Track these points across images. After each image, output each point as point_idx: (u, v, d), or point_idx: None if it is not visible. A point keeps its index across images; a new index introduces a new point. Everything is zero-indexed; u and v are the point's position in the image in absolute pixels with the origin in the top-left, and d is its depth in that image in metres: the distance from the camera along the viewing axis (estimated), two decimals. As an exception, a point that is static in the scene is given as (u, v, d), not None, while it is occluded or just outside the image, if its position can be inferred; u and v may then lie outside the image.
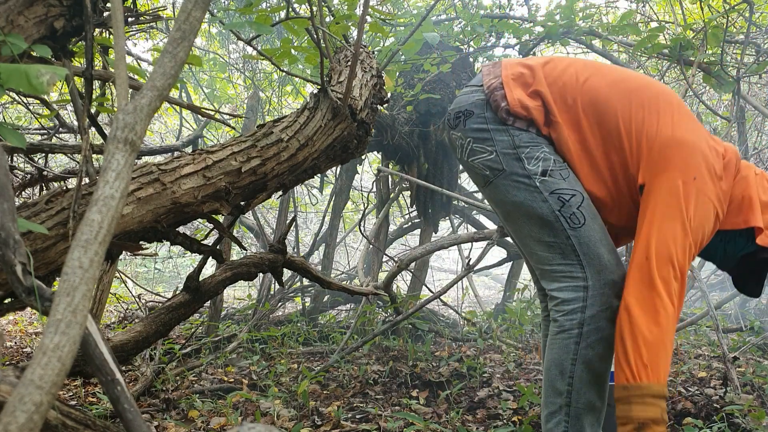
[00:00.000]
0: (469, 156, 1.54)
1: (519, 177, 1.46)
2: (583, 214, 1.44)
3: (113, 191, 0.69)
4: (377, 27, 2.36)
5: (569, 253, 1.43)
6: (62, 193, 1.34)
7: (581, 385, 1.42)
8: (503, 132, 1.48)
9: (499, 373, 2.74)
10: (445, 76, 3.83)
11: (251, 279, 2.22)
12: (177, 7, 3.78)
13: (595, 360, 1.42)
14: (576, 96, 1.47)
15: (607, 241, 1.45)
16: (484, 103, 1.52)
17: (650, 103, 1.44)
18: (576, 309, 1.42)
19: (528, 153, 1.46)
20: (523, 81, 1.52)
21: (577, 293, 1.42)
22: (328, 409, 2.26)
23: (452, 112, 1.60)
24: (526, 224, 1.48)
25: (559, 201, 1.43)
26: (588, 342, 1.41)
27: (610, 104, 1.44)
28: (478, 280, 7.50)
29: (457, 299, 4.93)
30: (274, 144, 1.66)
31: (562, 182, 1.45)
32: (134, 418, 0.76)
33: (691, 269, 3.01)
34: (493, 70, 1.58)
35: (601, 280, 1.42)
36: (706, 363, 2.90)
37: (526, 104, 1.48)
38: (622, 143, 1.44)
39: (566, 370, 1.43)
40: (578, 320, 1.41)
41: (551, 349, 1.48)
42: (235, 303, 5.09)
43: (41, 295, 0.82)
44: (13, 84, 0.89)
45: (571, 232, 1.43)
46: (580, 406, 1.43)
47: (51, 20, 1.32)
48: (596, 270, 1.42)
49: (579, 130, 1.47)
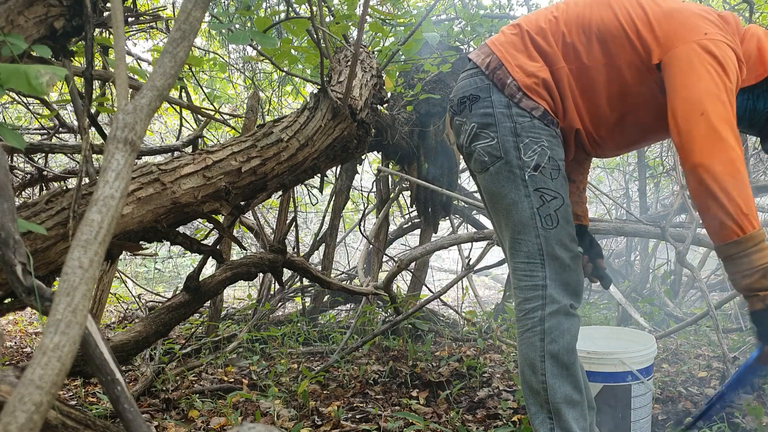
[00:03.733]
0: (472, 141, 1.55)
1: (512, 167, 1.49)
2: (558, 217, 1.49)
3: (113, 191, 0.69)
4: (377, 27, 2.36)
5: (534, 252, 1.49)
6: (62, 193, 1.34)
7: (554, 379, 1.48)
8: (507, 118, 1.50)
9: (499, 373, 2.74)
10: (445, 76, 3.83)
11: (251, 279, 2.22)
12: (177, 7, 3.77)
13: (563, 353, 1.48)
14: (563, 30, 1.52)
15: (571, 246, 1.51)
16: (490, 87, 1.53)
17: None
18: (536, 307, 1.49)
19: (527, 143, 1.49)
20: (514, 45, 1.55)
21: (536, 292, 1.49)
22: (328, 409, 2.26)
23: (455, 98, 1.61)
24: (505, 217, 1.53)
25: (540, 199, 1.48)
26: (552, 337, 1.48)
27: (594, 18, 1.50)
28: (478, 280, 7.50)
29: (457, 299, 4.93)
30: (274, 144, 1.66)
31: (549, 181, 1.49)
32: (134, 418, 0.76)
33: (691, 269, 3.01)
34: (483, 50, 1.61)
35: (557, 281, 1.48)
36: (706, 363, 2.90)
37: (529, 70, 1.51)
38: (623, 42, 1.47)
39: (537, 368, 1.49)
40: (539, 317, 1.48)
41: (520, 349, 1.54)
42: (235, 303, 5.09)
43: (41, 295, 0.82)
44: (13, 84, 0.89)
45: (542, 231, 1.48)
46: (558, 400, 1.48)
47: (51, 20, 1.32)
48: (555, 271, 1.48)
49: (578, 58, 1.51)
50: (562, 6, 1.58)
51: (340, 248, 5.38)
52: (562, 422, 1.47)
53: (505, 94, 1.51)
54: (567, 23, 1.53)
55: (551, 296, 1.47)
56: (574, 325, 1.50)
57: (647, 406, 1.84)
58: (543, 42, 1.53)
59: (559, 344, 1.47)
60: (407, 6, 4.42)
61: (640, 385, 1.79)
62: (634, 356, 1.78)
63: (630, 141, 1.66)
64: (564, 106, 1.53)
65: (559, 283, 1.48)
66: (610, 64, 1.49)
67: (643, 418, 1.83)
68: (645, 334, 2.00)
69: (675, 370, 2.77)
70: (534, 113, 1.49)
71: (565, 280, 1.49)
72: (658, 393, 2.39)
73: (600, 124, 1.57)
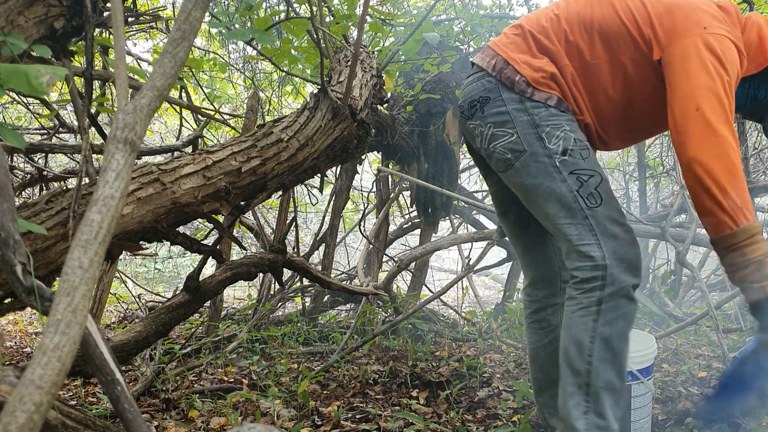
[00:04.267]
0: (490, 142, 1.54)
1: (540, 157, 1.47)
2: (600, 194, 1.46)
3: (113, 191, 0.69)
4: (377, 27, 2.36)
5: (586, 233, 1.45)
6: (62, 193, 1.34)
7: (600, 363, 1.43)
8: (522, 112, 1.49)
9: (499, 373, 2.74)
10: (445, 76, 3.83)
11: (251, 279, 2.22)
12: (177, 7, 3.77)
13: (615, 337, 1.43)
14: (565, 28, 1.52)
15: (622, 220, 1.48)
16: (498, 86, 1.52)
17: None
18: (595, 287, 1.43)
19: (549, 131, 1.47)
20: (518, 45, 1.55)
21: (596, 272, 1.43)
22: (328, 409, 2.26)
23: (465, 103, 1.60)
24: (545, 205, 1.50)
25: (577, 181, 1.46)
26: (607, 319, 1.43)
27: (596, 15, 1.50)
28: (478, 280, 7.50)
29: (457, 299, 4.93)
30: (274, 144, 1.66)
31: (581, 162, 1.47)
32: (134, 418, 0.76)
33: (691, 269, 3.01)
34: (486, 53, 1.60)
35: (617, 259, 1.44)
36: (706, 363, 2.90)
37: (536, 65, 1.50)
38: (625, 39, 1.47)
39: (585, 349, 1.44)
40: (597, 297, 1.43)
41: (568, 328, 1.48)
42: (235, 303, 5.09)
43: (41, 295, 0.82)
44: (13, 84, 0.89)
45: (588, 212, 1.45)
46: (600, 385, 1.43)
47: (51, 20, 1.32)
48: (612, 249, 1.44)
49: (581, 56, 1.50)
50: (563, 4, 1.58)
51: (340, 248, 5.38)
52: (599, 407, 1.43)
53: (516, 91, 1.50)
54: (568, 21, 1.53)
55: (612, 276, 1.42)
56: (631, 311, 1.46)
57: (647, 406, 1.84)
58: (546, 40, 1.53)
59: (614, 328, 1.43)
60: (407, 6, 4.42)
61: (640, 385, 1.79)
62: (634, 356, 1.78)
63: (635, 135, 1.66)
64: (574, 101, 1.53)
65: (619, 260, 1.44)
66: (613, 60, 1.49)
67: (643, 418, 1.83)
68: (645, 334, 2.00)
69: (675, 370, 2.77)
70: (548, 102, 1.49)
71: (624, 255, 1.45)
72: (658, 393, 2.39)
73: (605, 119, 1.57)
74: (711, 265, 5.28)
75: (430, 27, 2.84)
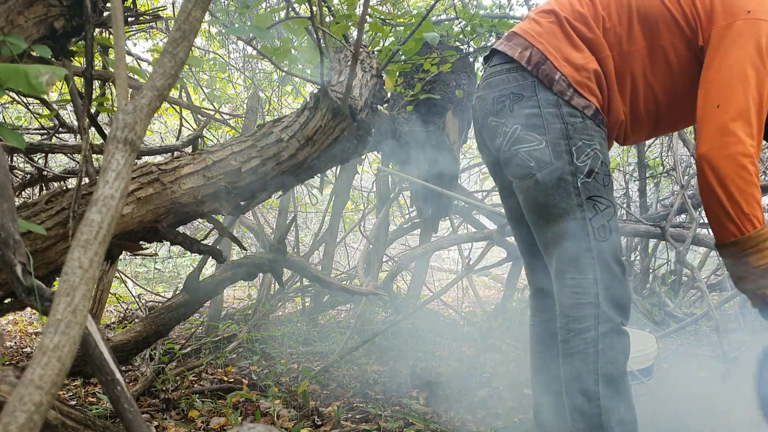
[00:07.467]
0: (514, 144, 1.41)
1: (564, 174, 1.37)
2: (610, 227, 1.39)
3: (113, 191, 0.69)
4: (377, 27, 2.36)
5: (585, 266, 1.37)
6: (62, 193, 1.34)
7: (608, 402, 1.37)
8: (557, 118, 1.37)
9: (499, 373, 2.74)
10: (445, 76, 3.83)
11: (251, 279, 2.22)
12: (177, 7, 3.77)
13: (616, 374, 1.38)
14: (602, 14, 1.40)
15: (621, 258, 1.41)
16: (534, 84, 1.39)
17: None
18: (588, 327, 1.37)
19: (580, 146, 1.37)
20: (554, 34, 1.41)
21: (588, 311, 1.37)
22: (328, 409, 2.26)
23: (489, 97, 1.47)
24: (553, 226, 1.41)
25: (593, 209, 1.37)
26: (607, 358, 1.37)
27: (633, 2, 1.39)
28: (478, 280, 7.50)
29: (457, 299, 4.93)
30: (274, 144, 1.66)
31: (601, 188, 1.38)
32: (134, 418, 0.76)
33: (691, 269, 3.01)
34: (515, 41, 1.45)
35: (609, 297, 1.37)
36: (706, 363, 2.90)
37: (578, 63, 1.38)
38: (668, 22, 1.36)
39: (591, 394, 1.37)
40: (592, 338, 1.36)
41: (567, 372, 1.41)
42: (235, 303, 5.09)
43: (41, 295, 0.82)
44: (12, 84, 0.89)
45: (594, 244, 1.37)
46: (613, 423, 1.37)
47: (51, 20, 1.32)
48: (606, 286, 1.37)
49: (619, 43, 1.40)
50: None
51: (340, 248, 5.38)
52: None
53: (554, 92, 1.37)
54: (605, 6, 1.41)
55: (605, 314, 1.36)
56: (626, 344, 1.40)
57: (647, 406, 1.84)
58: (585, 28, 1.40)
59: (614, 366, 1.37)
60: (407, 6, 4.42)
61: (640, 385, 1.79)
62: (634, 356, 1.78)
63: (662, 128, 1.55)
64: (610, 97, 1.42)
65: (611, 299, 1.37)
66: (652, 46, 1.38)
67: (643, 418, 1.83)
68: (645, 334, 2.00)
69: (675, 370, 2.77)
70: (586, 112, 1.37)
71: (615, 295, 1.38)
72: (658, 393, 2.39)
73: (638, 112, 1.46)
74: (711, 265, 5.27)
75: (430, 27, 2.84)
